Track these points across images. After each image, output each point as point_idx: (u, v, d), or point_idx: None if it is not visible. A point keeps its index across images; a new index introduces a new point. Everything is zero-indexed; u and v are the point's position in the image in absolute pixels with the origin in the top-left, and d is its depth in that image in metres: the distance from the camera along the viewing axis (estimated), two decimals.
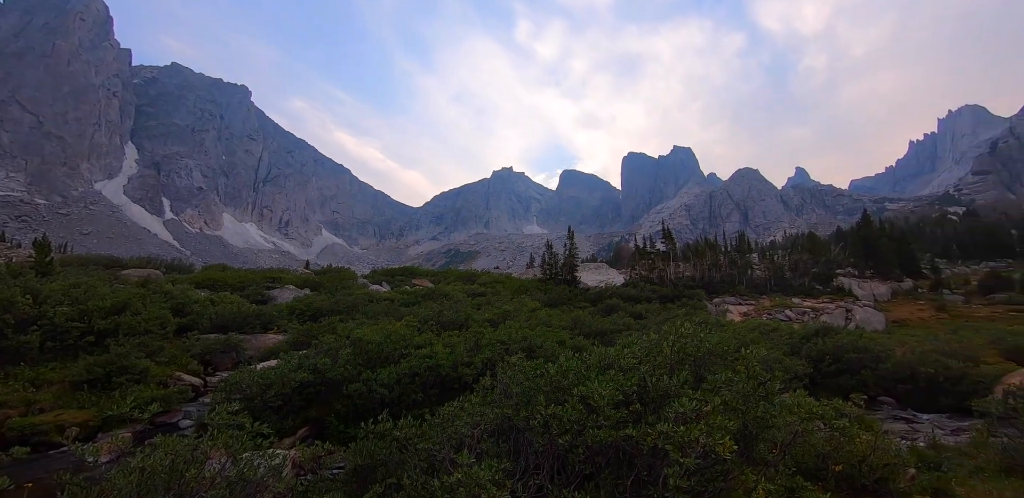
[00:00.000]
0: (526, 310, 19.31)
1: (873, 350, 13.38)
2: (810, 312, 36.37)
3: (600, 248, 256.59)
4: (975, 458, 6.00)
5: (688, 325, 5.16)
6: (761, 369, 4.48)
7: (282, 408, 6.98)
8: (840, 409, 6.34)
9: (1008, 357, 15.58)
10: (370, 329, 10.26)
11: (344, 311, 17.72)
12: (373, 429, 4.53)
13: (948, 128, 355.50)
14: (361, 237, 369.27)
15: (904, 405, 12.04)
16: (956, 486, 4.93)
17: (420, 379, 7.37)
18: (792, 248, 61.57)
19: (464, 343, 9.32)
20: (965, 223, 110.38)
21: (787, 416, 4.40)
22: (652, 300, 33.27)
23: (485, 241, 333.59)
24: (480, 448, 3.89)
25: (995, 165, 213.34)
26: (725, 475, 3.50)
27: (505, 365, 5.00)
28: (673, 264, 50.58)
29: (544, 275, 43.50)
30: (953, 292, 54.10)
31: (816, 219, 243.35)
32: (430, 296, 23.27)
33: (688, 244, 64.23)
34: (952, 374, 11.87)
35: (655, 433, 3.37)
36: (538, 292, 33.24)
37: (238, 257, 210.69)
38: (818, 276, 51.76)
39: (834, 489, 4.53)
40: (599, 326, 16.97)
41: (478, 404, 4.69)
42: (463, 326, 12.98)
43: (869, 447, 4.80)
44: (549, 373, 4.34)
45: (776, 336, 16.53)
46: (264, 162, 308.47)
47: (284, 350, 10.67)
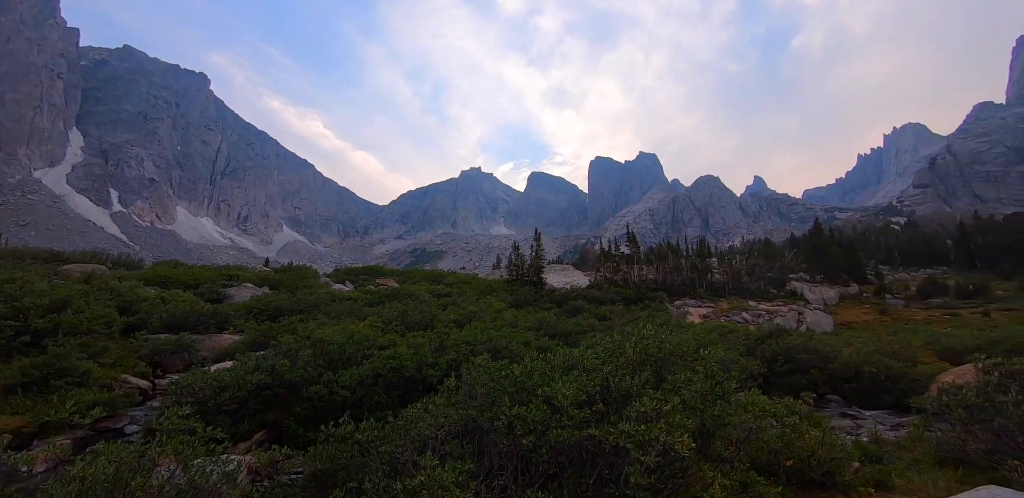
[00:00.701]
0: (492, 311, 19.28)
1: (822, 351, 14.07)
2: (765, 315, 37.95)
3: (566, 250, 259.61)
4: (912, 451, 6.43)
5: (650, 327, 5.29)
6: (719, 369, 4.63)
7: (237, 412, 6.70)
8: (791, 407, 6.64)
9: (942, 357, 16.75)
10: (332, 329, 10.01)
11: (305, 311, 17.22)
12: (334, 432, 4.42)
13: (893, 144, 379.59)
14: (324, 235, 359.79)
15: (850, 402, 12.71)
16: (896, 478, 5.26)
17: (383, 380, 7.23)
18: (749, 253, 64.17)
19: (429, 344, 9.22)
20: (906, 233, 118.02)
21: (742, 414, 4.57)
22: (616, 302, 33.89)
23: (452, 241, 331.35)
24: (444, 450, 3.86)
25: (934, 180, 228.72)
26: (684, 472, 3.61)
27: (470, 366, 4.98)
28: (637, 267, 51.71)
29: (511, 276, 43.62)
30: (895, 296, 57.76)
31: (772, 226, 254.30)
32: (395, 296, 22.90)
33: (652, 248, 65.86)
34: (893, 373, 12.63)
35: (617, 432, 3.43)
36: (504, 293, 33.27)
37: (192, 253, 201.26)
38: (773, 280, 54.14)
39: (785, 483, 4.77)
40: (564, 327, 17.12)
41: (442, 405, 4.65)
42: (428, 326, 12.84)
43: (817, 443, 5.05)
44: (514, 374, 4.35)
45: (733, 337, 17.12)
46: (223, 154, 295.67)
47: (240, 351, 10.25)
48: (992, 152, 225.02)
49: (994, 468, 5.04)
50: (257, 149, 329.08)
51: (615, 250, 56.75)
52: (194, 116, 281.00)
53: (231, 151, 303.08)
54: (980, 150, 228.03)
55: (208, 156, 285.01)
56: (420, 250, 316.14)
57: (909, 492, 4.87)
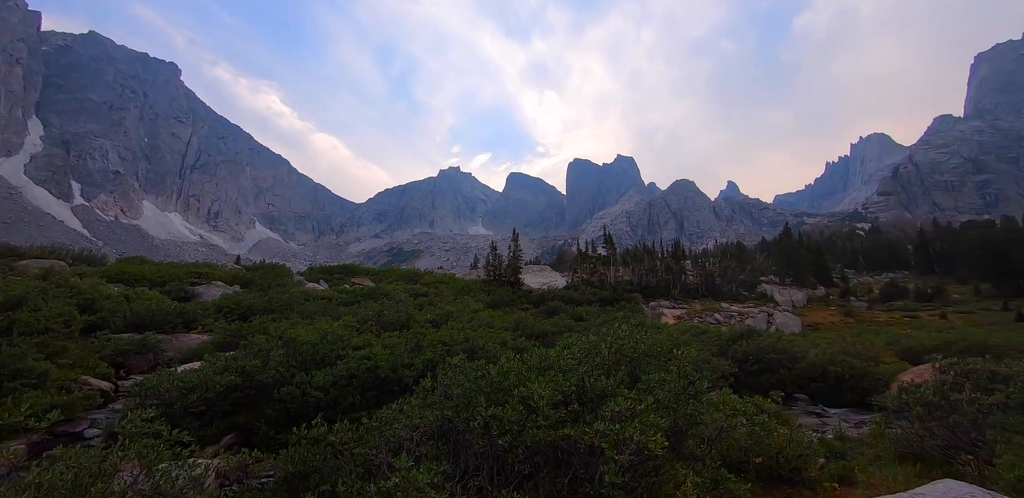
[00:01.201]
0: (469, 311, 19.24)
1: (790, 351, 14.51)
2: (736, 316, 38.89)
3: (544, 251, 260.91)
4: (874, 447, 6.71)
5: (625, 327, 5.36)
6: (691, 369, 4.74)
7: (205, 414, 6.50)
8: (760, 406, 6.85)
9: (902, 357, 17.49)
10: (305, 329, 9.83)
11: (277, 310, 16.85)
12: (306, 434, 4.34)
13: (859, 153, 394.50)
14: (298, 232, 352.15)
15: (816, 401, 13.14)
16: (858, 473, 5.49)
17: (358, 381, 7.12)
18: (722, 256, 65.61)
19: (405, 344, 9.14)
20: (870, 238, 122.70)
21: (714, 413, 4.69)
22: (593, 303, 34.24)
23: (429, 240, 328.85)
24: (419, 451, 3.83)
25: (896, 188, 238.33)
26: (657, 470, 3.67)
27: (446, 366, 4.96)
28: (613, 268, 52.35)
29: (488, 276, 43.65)
30: (859, 299, 59.96)
31: (744, 230, 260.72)
32: (370, 295, 22.61)
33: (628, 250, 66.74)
34: (856, 373, 13.14)
35: (592, 432, 3.47)
36: (481, 293, 33.24)
37: (159, 249, 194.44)
38: (744, 283, 55.51)
39: (755, 480, 4.91)
40: (541, 328, 17.21)
41: (418, 406, 4.61)
42: (404, 326, 12.73)
43: (785, 440, 5.22)
44: (490, 374, 4.35)
45: (706, 338, 17.50)
46: (193, 147, 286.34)
47: (209, 351, 9.95)
48: (950, 163, 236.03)
49: (949, 463, 5.30)
50: (229, 143, 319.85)
51: (592, 251, 57.34)
52: (163, 107, 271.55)
53: (202, 144, 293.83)
54: (939, 161, 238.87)
55: (177, 149, 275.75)
56: (397, 249, 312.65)
57: (871, 486, 5.08)
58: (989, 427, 5.29)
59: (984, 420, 5.42)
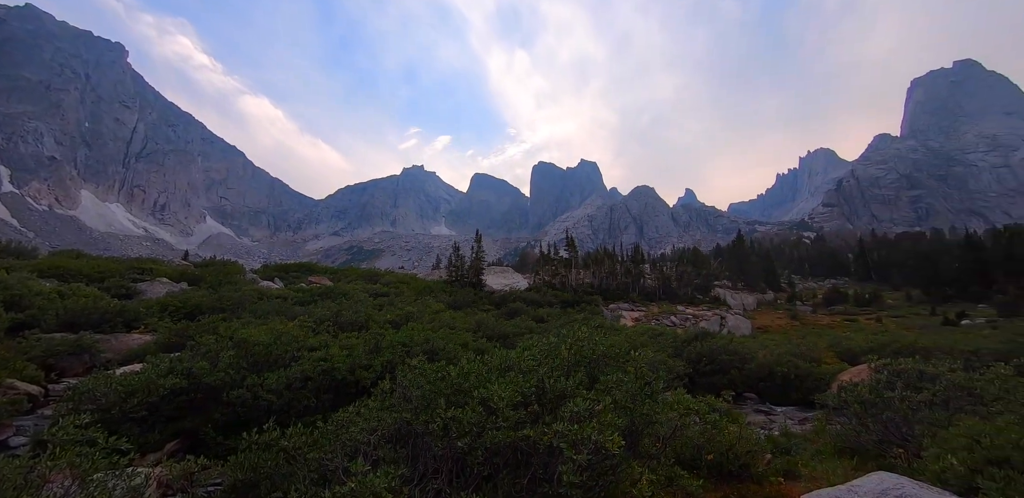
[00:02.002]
0: (430, 312, 19.04)
1: (741, 353, 15.15)
2: (691, 318, 40.25)
3: (507, 252, 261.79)
4: (816, 443, 7.11)
5: (585, 329, 5.44)
6: (648, 370, 4.86)
7: (147, 419, 6.12)
8: (713, 405, 7.12)
9: (842, 358, 18.57)
10: (258, 329, 9.43)
11: (228, 309, 16.11)
12: (257, 439, 4.16)
13: (807, 166, 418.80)
14: (252, 228, 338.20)
15: (764, 399, 13.79)
16: (801, 467, 5.79)
17: (313, 383, 6.90)
18: (679, 261, 67.79)
19: (363, 345, 8.93)
20: (815, 247, 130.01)
21: (668, 412, 4.83)
22: (554, 305, 34.60)
23: (391, 239, 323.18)
24: (376, 455, 3.75)
25: (839, 200, 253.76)
26: (614, 469, 3.74)
27: (406, 368, 4.89)
28: (575, 271, 53.10)
29: (450, 277, 43.35)
30: (804, 303, 63.39)
31: (700, 236, 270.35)
32: (328, 295, 21.99)
33: (589, 253, 67.82)
34: (801, 373, 13.87)
35: (551, 432, 3.51)
36: (443, 294, 32.95)
37: (98, 243, 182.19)
38: (699, 287, 57.56)
39: (706, 476, 5.10)
40: (502, 329, 17.23)
41: (376, 409, 4.52)
42: (363, 327, 12.46)
43: (735, 437, 5.45)
44: (450, 376, 4.32)
45: (662, 340, 18.01)
46: (139, 134, 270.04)
47: (152, 352, 9.40)
48: (888, 178, 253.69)
49: (883, 456, 5.69)
50: (180, 131, 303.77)
51: (554, 254, 57.91)
52: (107, 89, 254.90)
53: (149, 132, 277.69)
54: (878, 176, 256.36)
55: (122, 135, 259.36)
56: (357, 248, 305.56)
57: (812, 480, 5.37)
58: (918, 422, 5.70)
59: (913, 416, 5.84)
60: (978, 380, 5.96)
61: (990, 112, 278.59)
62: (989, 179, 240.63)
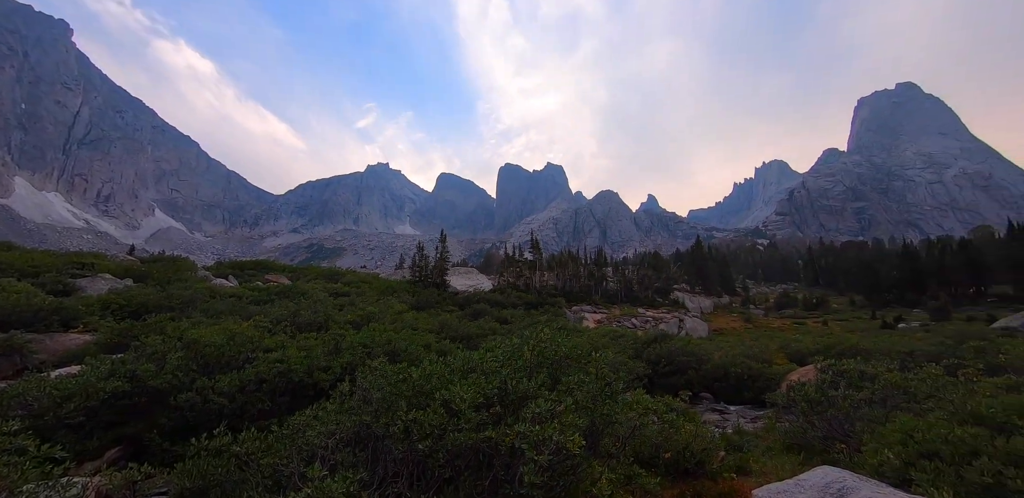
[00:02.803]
0: (392, 312, 18.75)
1: (698, 354, 15.68)
2: (651, 321, 41.25)
3: (472, 253, 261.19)
4: (766, 439, 7.45)
5: (548, 331, 5.50)
6: (609, 371, 4.95)
7: (85, 425, 5.72)
8: (670, 404, 7.33)
9: (791, 359, 19.47)
10: (210, 329, 9.01)
11: (178, 308, 15.31)
12: (207, 445, 3.97)
13: (761, 176, 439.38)
14: (206, 223, 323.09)
15: (718, 399, 14.31)
16: (753, 463, 6.07)
17: (268, 386, 6.64)
18: (640, 265, 69.45)
19: (322, 346, 8.69)
20: (768, 253, 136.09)
21: (628, 412, 4.93)
22: (518, 306, 34.73)
23: (353, 238, 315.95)
24: (334, 459, 3.65)
25: (791, 209, 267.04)
26: (574, 469, 3.78)
27: (366, 369, 4.80)
28: (539, 273, 53.48)
29: (414, 277, 42.83)
30: (757, 307, 66.24)
31: (661, 241, 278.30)
32: (286, 294, 21.28)
33: (553, 255, 68.51)
34: (753, 373, 14.48)
35: (513, 433, 3.51)
36: (406, 294, 32.51)
37: (33, 235, 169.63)
38: (660, 290, 59.12)
39: (664, 473, 5.27)
40: (466, 330, 17.17)
41: (334, 412, 4.40)
42: (322, 328, 12.14)
43: (691, 436, 5.63)
44: (412, 377, 4.26)
45: (623, 341, 18.41)
46: (82, 119, 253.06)
47: (92, 353, 8.80)
48: (835, 190, 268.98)
49: (827, 451, 6.02)
50: (128, 118, 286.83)
51: (519, 256, 58.24)
52: (47, 70, 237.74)
53: (95, 117, 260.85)
54: (826, 187, 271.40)
55: (63, 119, 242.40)
56: (318, 246, 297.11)
57: (763, 475, 5.63)
58: (858, 419, 6.06)
59: (854, 413, 6.21)
60: (912, 379, 6.40)
61: (927, 132, 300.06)
62: (924, 194, 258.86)
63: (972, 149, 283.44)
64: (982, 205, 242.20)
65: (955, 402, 5.01)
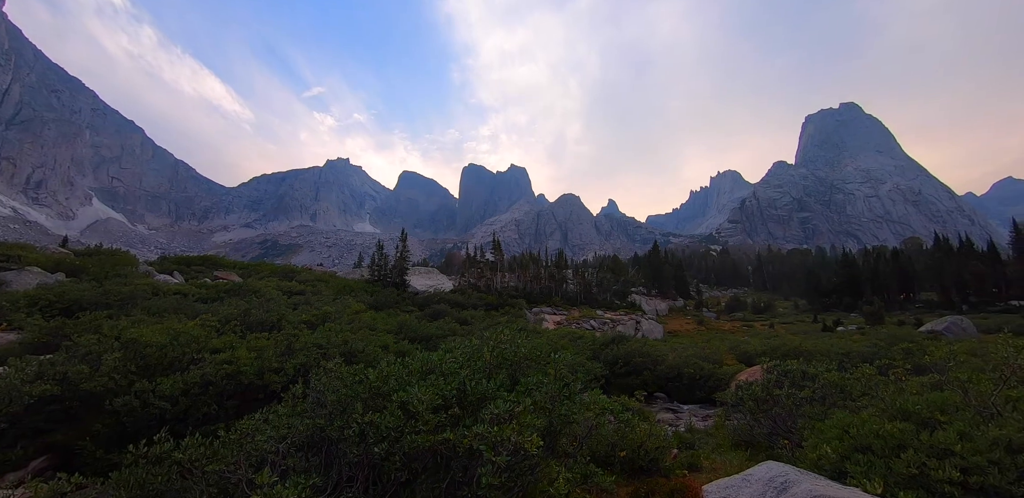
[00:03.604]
0: (349, 312, 18.31)
1: (653, 355, 16.14)
2: (609, 322, 42.12)
3: (433, 253, 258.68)
4: (716, 437, 7.77)
5: (508, 332, 5.52)
6: (567, 372, 5.02)
7: (7, 433, 5.26)
8: (626, 404, 7.51)
9: (740, 360, 20.34)
10: (151, 329, 8.50)
11: (116, 305, 14.35)
12: (146, 452, 3.73)
13: (716, 185, 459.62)
14: (150, 214, 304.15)
15: (672, 398, 14.79)
16: (704, 460, 6.32)
17: (215, 389, 6.32)
18: (600, 268, 70.84)
19: (274, 347, 8.36)
20: (720, 259, 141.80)
21: (585, 412, 5.01)
22: (478, 307, 34.65)
23: (310, 235, 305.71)
24: (286, 464, 3.53)
25: (742, 217, 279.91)
26: (532, 469, 3.81)
27: (321, 371, 4.66)
28: (500, 274, 53.65)
29: (372, 276, 42.01)
30: (709, 310, 68.80)
31: (620, 245, 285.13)
32: (236, 292, 20.36)
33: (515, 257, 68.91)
34: (704, 373, 15.04)
35: (471, 435, 3.50)
36: (364, 294, 31.82)
37: None
38: (618, 293, 60.49)
39: (619, 472, 5.41)
40: (425, 331, 16.98)
41: (286, 415, 4.25)
42: (275, 327, 11.68)
43: (646, 435, 5.80)
44: (369, 379, 4.18)
45: (582, 343, 18.71)
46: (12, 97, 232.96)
47: (17, 354, 8.13)
48: (783, 200, 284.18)
49: (772, 447, 6.34)
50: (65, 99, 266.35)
51: (481, 256, 58.14)
52: None
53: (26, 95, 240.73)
54: (775, 198, 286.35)
55: None
56: (272, 242, 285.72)
57: (713, 471, 5.88)
58: (800, 417, 6.41)
59: (797, 411, 6.57)
60: (848, 379, 6.83)
61: (866, 149, 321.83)
62: (862, 206, 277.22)
63: (905, 167, 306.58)
64: (912, 218, 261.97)
65: (886, 400, 5.38)
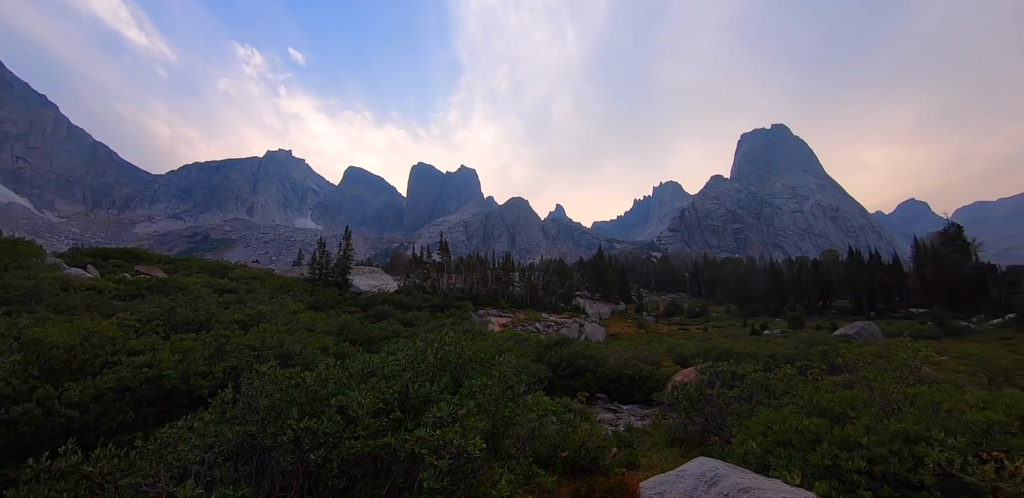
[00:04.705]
0: (287, 312, 17.49)
1: (595, 357, 16.56)
2: (554, 325, 42.84)
3: (378, 252, 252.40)
4: (653, 435, 8.09)
5: (453, 334, 5.50)
6: (511, 374, 5.06)
7: None
8: (568, 405, 7.66)
9: (676, 361, 21.34)
10: (59, 328, 7.69)
11: (16, 301, 12.87)
12: (49, 466, 3.37)
13: (658, 194, 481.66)
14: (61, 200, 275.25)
15: (613, 399, 15.23)
16: (641, 458, 6.56)
17: (133, 395, 5.80)
18: (546, 271, 71.95)
19: (202, 348, 7.81)
20: (660, 265, 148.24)
21: (528, 414, 5.07)
22: (424, 308, 34.12)
23: (246, 229, 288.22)
24: (212, 475, 3.30)
25: (681, 226, 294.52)
26: (475, 472, 3.80)
27: (253, 374, 4.42)
28: (447, 275, 53.20)
29: (313, 275, 40.35)
30: (649, 314, 71.61)
31: (566, 249, 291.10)
32: (161, 289, 18.88)
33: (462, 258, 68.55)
34: (643, 374, 15.61)
35: (413, 439, 3.44)
36: (303, 293, 30.49)
37: None
38: (563, 296, 61.66)
39: (561, 471, 5.52)
40: (367, 332, 16.50)
41: (213, 422, 3.98)
42: (204, 328, 10.93)
43: (587, 435, 5.95)
44: (306, 382, 4.01)
45: (526, 345, 18.87)
46: None
47: None
48: (718, 212, 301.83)
49: (704, 444, 6.71)
50: None
51: (427, 257, 57.46)
52: None
53: None
54: (711, 209, 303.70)
55: None
56: (203, 236, 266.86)
57: (650, 468, 6.13)
58: (730, 414, 6.83)
59: (727, 409, 6.99)
60: (772, 379, 7.36)
61: (792, 168, 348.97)
62: (788, 220, 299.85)
63: (825, 185, 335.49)
64: (831, 232, 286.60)
65: (804, 398, 5.83)
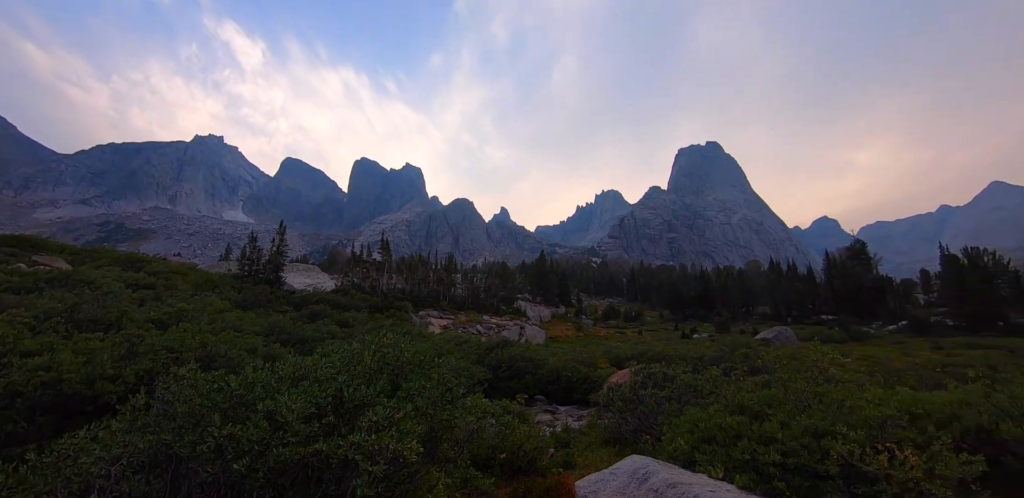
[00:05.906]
0: (211, 310, 16.34)
1: (535, 359, 16.76)
2: (495, 327, 42.92)
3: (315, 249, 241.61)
4: (589, 435, 8.29)
5: (391, 335, 5.36)
6: (451, 376, 5.01)
7: None
8: (507, 407, 7.69)
9: (613, 363, 22.02)
10: None
11: None
12: None
13: (600, 202, 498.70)
14: None
15: (551, 400, 15.45)
16: (577, 457, 6.69)
17: (25, 401, 5.15)
18: (489, 274, 72.10)
19: (111, 349, 7.10)
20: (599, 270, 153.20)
21: (467, 417, 5.03)
22: (362, 309, 32.99)
23: (167, 219, 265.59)
24: (119, 490, 2.99)
25: (621, 234, 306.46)
26: (412, 476, 3.71)
27: (170, 378, 4.06)
28: (387, 275, 51.91)
29: (242, 271, 37.78)
30: (587, 317, 73.55)
31: (509, 252, 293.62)
32: (63, 282, 16.99)
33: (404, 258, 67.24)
34: (581, 376, 15.98)
35: (347, 444, 3.31)
36: (231, 290, 28.50)
37: None
38: (505, 298, 61.96)
39: (499, 473, 5.51)
40: (300, 333, 15.72)
41: (122, 431, 3.62)
42: (114, 327, 9.96)
43: (525, 436, 6.00)
44: (230, 386, 3.75)
45: (467, 347, 18.80)
46: None
47: None
48: (655, 221, 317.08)
49: (637, 442, 6.96)
50: None
51: (367, 256, 55.74)
52: None
53: None
54: (649, 218, 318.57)
55: None
56: (116, 224, 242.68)
57: (586, 467, 6.26)
58: (661, 414, 7.14)
59: (658, 409, 7.31)
60: (700, 380, 7.79)
61: (723, 183, 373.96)
62: (717, 232, 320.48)
63: (751, 201, 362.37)
64: (755, 244, 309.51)
65: (728, 397, 6.23)
